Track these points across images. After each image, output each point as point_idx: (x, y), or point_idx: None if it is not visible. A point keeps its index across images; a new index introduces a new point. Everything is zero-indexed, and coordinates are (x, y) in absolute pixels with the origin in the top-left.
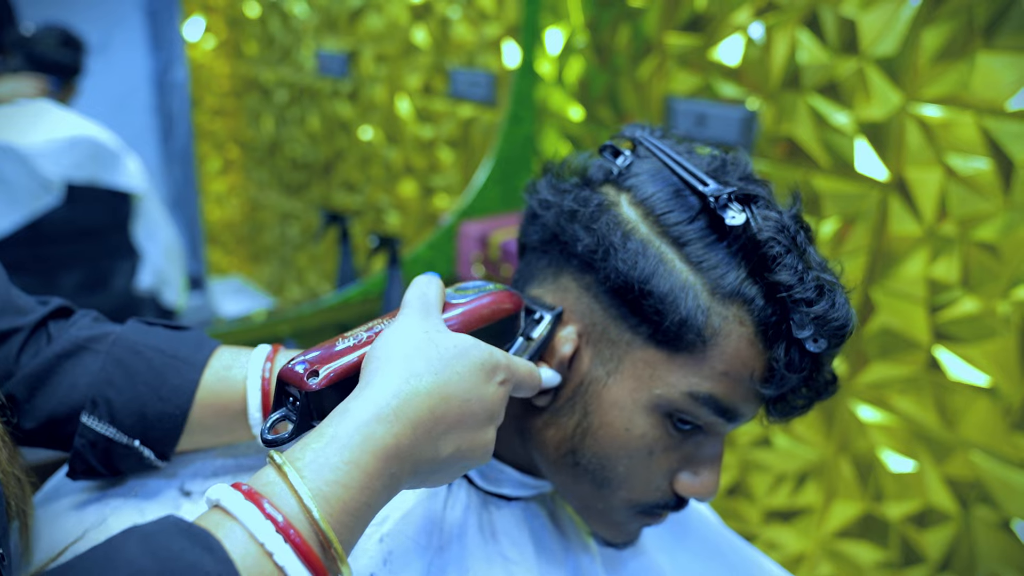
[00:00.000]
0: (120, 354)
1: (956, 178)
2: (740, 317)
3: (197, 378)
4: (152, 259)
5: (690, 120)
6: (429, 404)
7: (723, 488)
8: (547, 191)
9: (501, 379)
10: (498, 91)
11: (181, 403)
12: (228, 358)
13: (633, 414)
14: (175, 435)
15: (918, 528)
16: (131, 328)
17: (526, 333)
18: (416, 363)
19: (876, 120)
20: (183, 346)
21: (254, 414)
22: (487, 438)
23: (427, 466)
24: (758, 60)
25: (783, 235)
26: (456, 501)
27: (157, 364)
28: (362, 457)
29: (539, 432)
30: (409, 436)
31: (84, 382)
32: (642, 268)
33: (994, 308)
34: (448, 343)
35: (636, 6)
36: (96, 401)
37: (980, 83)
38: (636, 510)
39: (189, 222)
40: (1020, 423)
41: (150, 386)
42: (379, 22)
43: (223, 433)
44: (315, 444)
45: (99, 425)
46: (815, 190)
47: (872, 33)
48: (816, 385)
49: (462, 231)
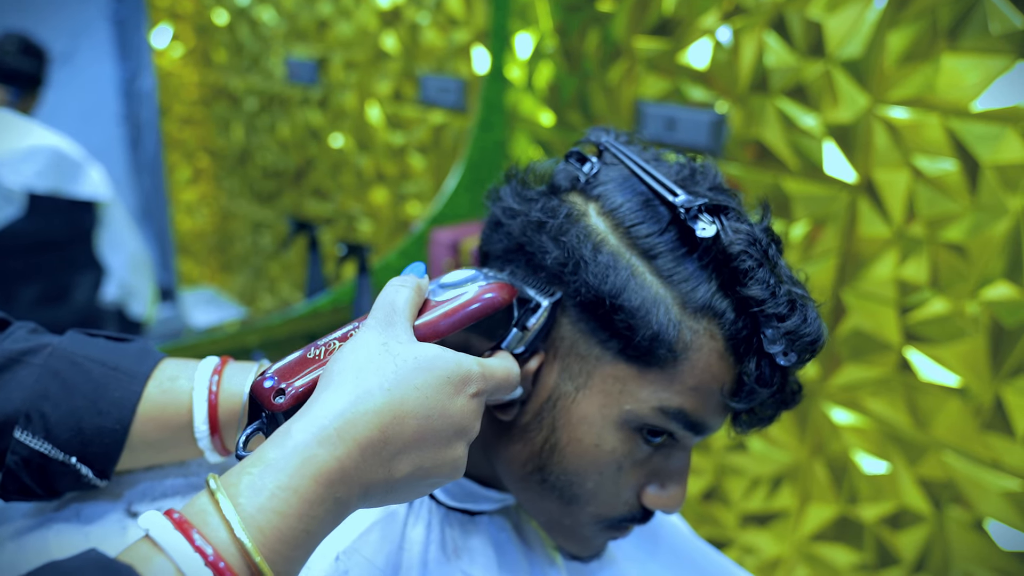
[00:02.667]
0: (57, 366)
1: (923, 179)
2: (711, 331)
3: (139, 390)
4: (117, 271)
5: (660, 124)
6: (379, 423)
7: (699, 493)
8: (512, 199)
9: (473, 391)
10: (468, 97)
11: (122, 417)
12: (173, 370)
13: (603, 430)
14: (115, 451)
15: (892, 529)
16: (70, 339)
17: (521, 323)
18: (368, 379)
19: (844, 122)
20: (125, 358)
21: (200, 427)
22: (454, 455)
23: (380, 488)
24: (726, 63)
25: (754, 248)
26: (417, 518)
27: (97, 376)
28: (300, 483)
29: (505, 448)
30: (355, 458)
31: (17, 396)
32: (613, 282)
33: (963, 308)
34: (408, 355)
35: (604, 10)
36: (30, 416)
37: (945, 85)
38: (603, 525)
39: (159, 232)
40: (991, 423)
41: (88, 399)
42: (348, 29)
43: (168, 449)
44: (253, 469)
45: (33, 441)
46: (785, 193)
47: (838, 36)
48: (783, 396)
49: (433, 238)
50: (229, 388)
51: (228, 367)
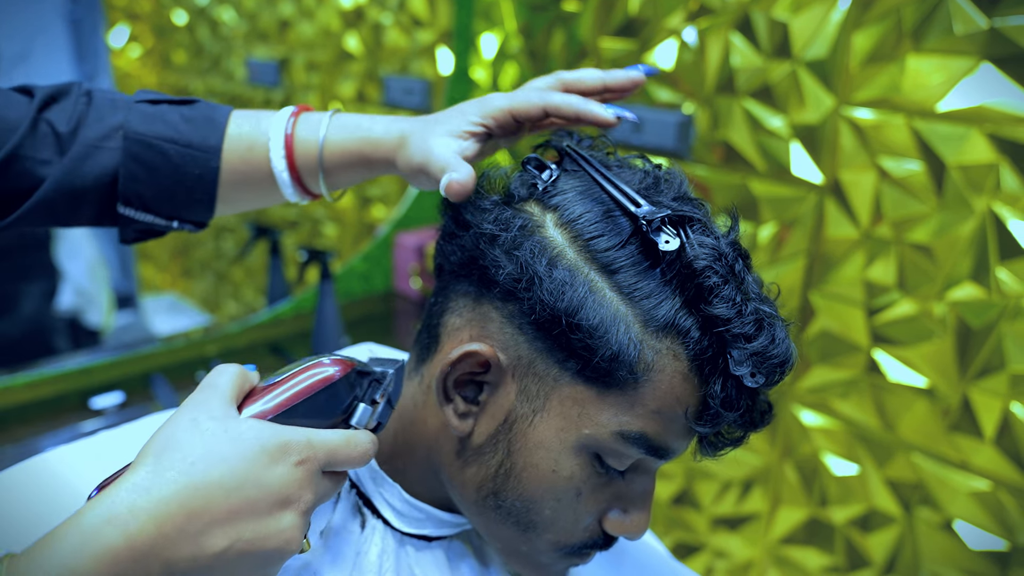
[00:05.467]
0: (134, 149)
1: (890, 180)
2: (674, 351)
3: (217, 165)
4: (74, 278)
5: (626, 125)
6: (179, 499)
7: (669, 497)
8: (464, 208)
9: (296, 459)
10: (433, 98)
11: (207, 189)
12: (247, 131)
13: (560, 455)
14: (208, 213)
15: (862, 532)
16: (137, 116)
17: (368, 397)
18: (170, 455)
19: (810, 123)
20: (195, 131)
21: (281, 175)
22: (278, 526)
23: (187, 565)
24: (692, 64)
25: (720, 264)
26: (371, 546)
27: (174, 157)
28: (79, 562)
29: (459, 471)
30: (151, 535)
31: (106, 178)
32: (569, 299)
33: (930, 309)
34: (217, 429)
35: (570, 11)
36: (128, 196)
37: (910, 85)
38: (563, 552)
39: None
40: (958, 424)
41: (173, 179)
42: (310, 29)
43: (256, 197)
44: (43, 543)
45: (137, 214)
46: (752, 194)
47: (804, 37)
48: (752, 417)
49: (398, 242)
50: (303, 136)
51: (302, 115)
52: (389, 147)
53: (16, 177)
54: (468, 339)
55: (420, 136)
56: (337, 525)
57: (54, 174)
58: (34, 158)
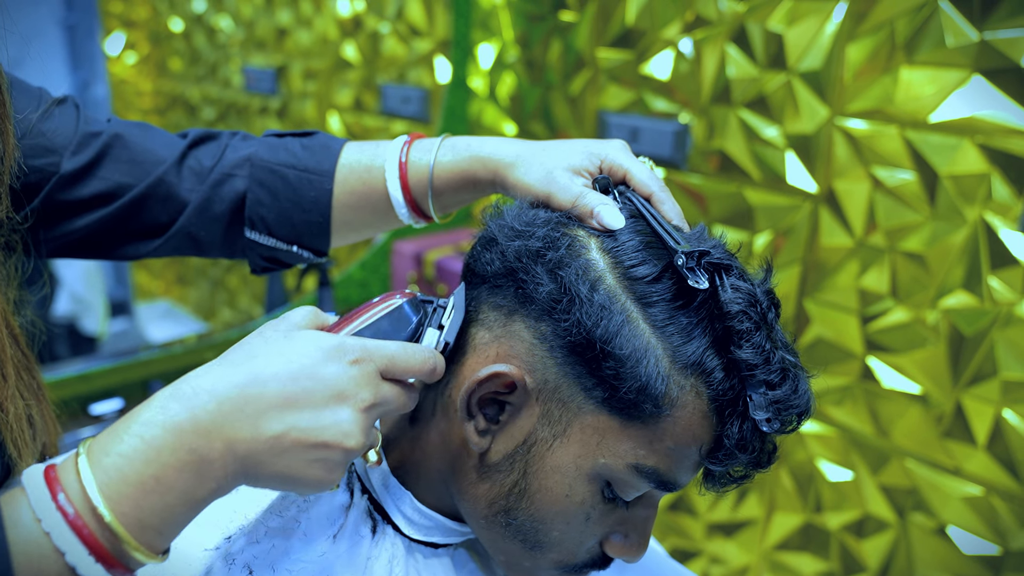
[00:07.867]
0: (260, 176)
1: (883, 189)
2: (697, 389)
3: (330, 187)
4: (70, 285)
5: (623, 134)
6: (238, 383)
7: (665, 504)
8: (515, 219)
9: (352, 358)
10: (431, 107)
11: (322, 212)
12: (365, 156)
13: (575, 480)
14: (325, 238)
15: (857, 537)
16: (264, 147)
17: (435, 322)
18: (235, 352)
19: (804, 133)
20: (312, 157)
21: (396, 196)
22: (335, 419)
23: (249, 446)
24: (689, 74)
25: (754, 310)
26: (381, 551)
27: (293, 181)
28: (147, 430)
29: (471, 485)
30: (212, 412)
31: (235, 204)
32: (606, 326)
33: (923, 317)
34: (278, 334)
35: (567, 21)
36: (253, 220)
37: (903, 96)
38: (563, 570)
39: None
40: (951, 430)
41: (291, 201)
42: (308, 37)
43: (373, 223)
44: (120, 420)
45: (261, 238)
46: (748, 203)
47: (798, 48)
48: (760, 458)
49: (396, 250)
50: (416, 159)
51: (416, 142)
52: (500, 165)
53: (163, 202)
54: (495, 357)
55: (539, 160)
56: (349, 530)
57: (195, 199)
58: (179, 186)
